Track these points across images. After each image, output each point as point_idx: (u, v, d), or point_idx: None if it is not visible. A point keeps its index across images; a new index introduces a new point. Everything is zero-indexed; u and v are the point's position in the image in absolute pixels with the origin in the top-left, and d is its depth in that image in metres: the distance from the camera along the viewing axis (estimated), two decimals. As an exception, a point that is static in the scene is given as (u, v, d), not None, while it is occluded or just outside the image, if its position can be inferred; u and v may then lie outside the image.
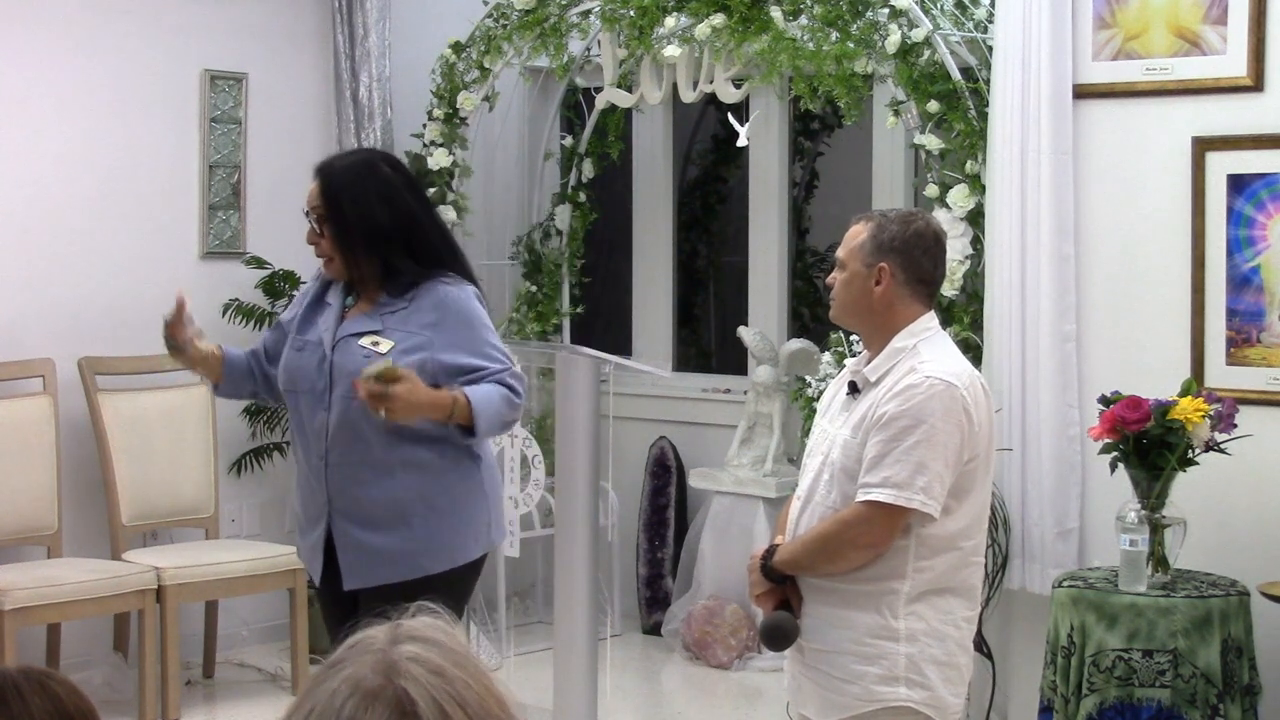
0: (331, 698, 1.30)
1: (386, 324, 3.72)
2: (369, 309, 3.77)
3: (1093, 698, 4.30)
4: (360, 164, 3.86)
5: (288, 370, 3.82)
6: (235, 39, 6.32)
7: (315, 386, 3.75)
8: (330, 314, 3.80)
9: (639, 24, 5.94)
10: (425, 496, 3.74)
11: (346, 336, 3.74)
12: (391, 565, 3.73)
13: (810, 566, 3.26)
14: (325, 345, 3.75)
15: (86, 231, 5.94)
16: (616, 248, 7.39)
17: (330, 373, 3.73)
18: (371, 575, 3.74)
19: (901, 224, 3.28)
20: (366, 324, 3.74)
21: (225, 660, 6.13)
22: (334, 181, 3.77)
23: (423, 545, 3.74)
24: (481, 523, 3.84)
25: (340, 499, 3.75)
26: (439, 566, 3.77)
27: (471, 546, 3.83)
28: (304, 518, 3.87)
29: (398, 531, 3.73)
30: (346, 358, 3.71)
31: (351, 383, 3.62)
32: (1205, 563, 4.57)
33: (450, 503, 3.77)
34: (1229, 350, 4.73)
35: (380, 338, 3.71)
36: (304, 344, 3.81)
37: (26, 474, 5.61)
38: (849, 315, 3.35)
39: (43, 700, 1.64)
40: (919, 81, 5.19)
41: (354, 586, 3.76)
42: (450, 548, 3.78)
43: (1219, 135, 4.72)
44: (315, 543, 3.81)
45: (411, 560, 3.74)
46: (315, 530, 3.81)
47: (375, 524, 3.73)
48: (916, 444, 3.12)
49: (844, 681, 3.22)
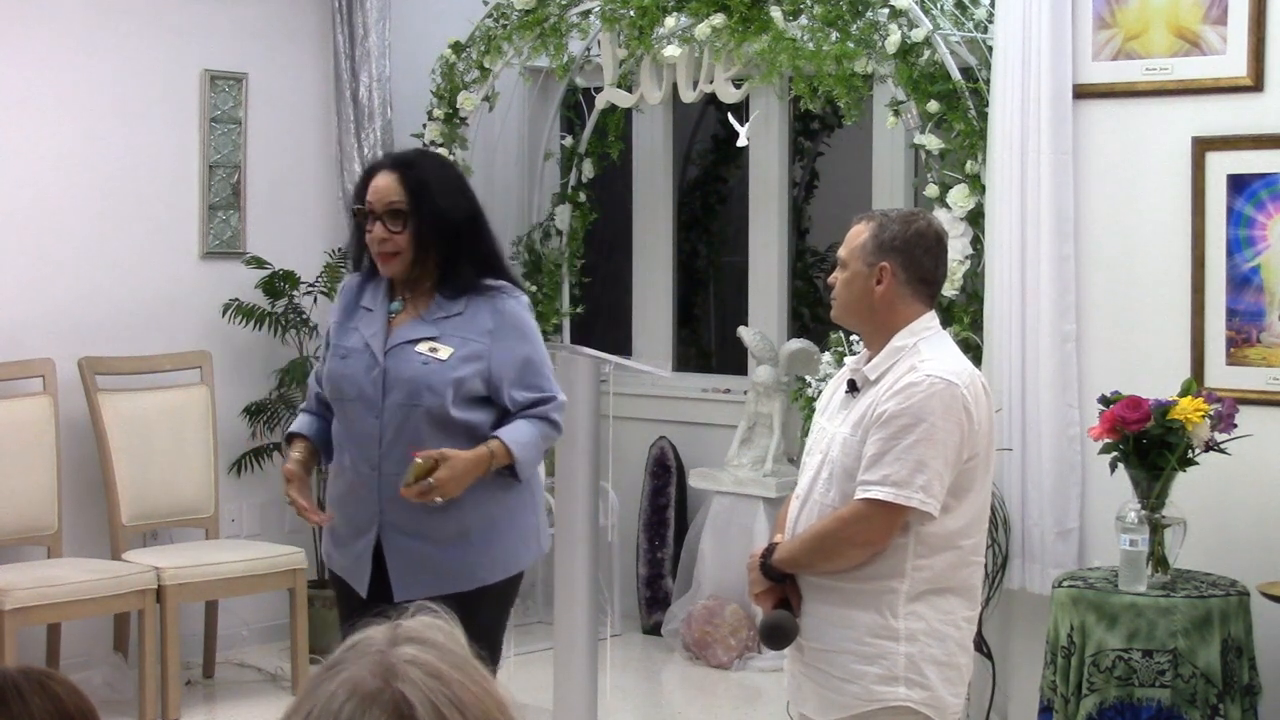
0: (330, 700, 1.30)
1: (443, 330, 3.66)
2: (420, 314, 3.69)
3: (1093, 698, 4.30)
4: (435, 157, 3.83)
5: (334, 379, 3.73)
6: (235, 39, 6.32)
7: (365, 393, 3.65)
8: (374, 320, 3.71)
9: (639, 24, 5.94)
10: (482, 506, 3.68)
11: (401, 344, 3.66)
12: (449, 576, 3.65)
13: (809, 564, 3.25)
14: (376, 352, 3.66)
15: (86, 231, 5.94)
16: (616, 248, 7.38)
17: (384, 380, 3.64)
18: (427, 586, 3.61)
19: (903, 223, 3.28)
20: (422, 330, 3.66)
21: (225, 660, 6.13)
22: (418, 173, 3.68)
23: (481, 556, 3.69)
24: (532, 531, 3.81)
25: (394, 510, 3.64)
26: (495, 577, 3.72)
27: (525, 555, 3.80)
28: (346, 528, 3.74)
29: (455, 543, 3.67)
30: (403, 365, 3.63)
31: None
32: (1205, 563, 4.57)
33: (506, 512, 3.73)
34: (1229, 350, 4.73)
35: (438, 344, 3.64)
36: (348, 351, 3.71)
37: (26, 474, 5.61)
38: (850, 314, 3.35)
39: (43, 700, 1.64)
40: (919, 81, 5.19)
41: (407, 598, 3.55)
42: (505, 558, 3.74)
43: (1219, 135, 4.72)
44: (362, 553, 3.70)
45: (470, 572, 3.68)
46: (361, 540, 3.70)
47: (432, 535, 3.66)
48: (916, 442, 3.12)
49: (843, 681, 3.22)
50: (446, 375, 3.62)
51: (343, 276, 6.32)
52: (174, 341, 6.12)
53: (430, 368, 3.61)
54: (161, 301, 6.15)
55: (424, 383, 3.61)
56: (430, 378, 3.61)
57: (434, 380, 3.61)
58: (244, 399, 6.30)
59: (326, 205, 6.51)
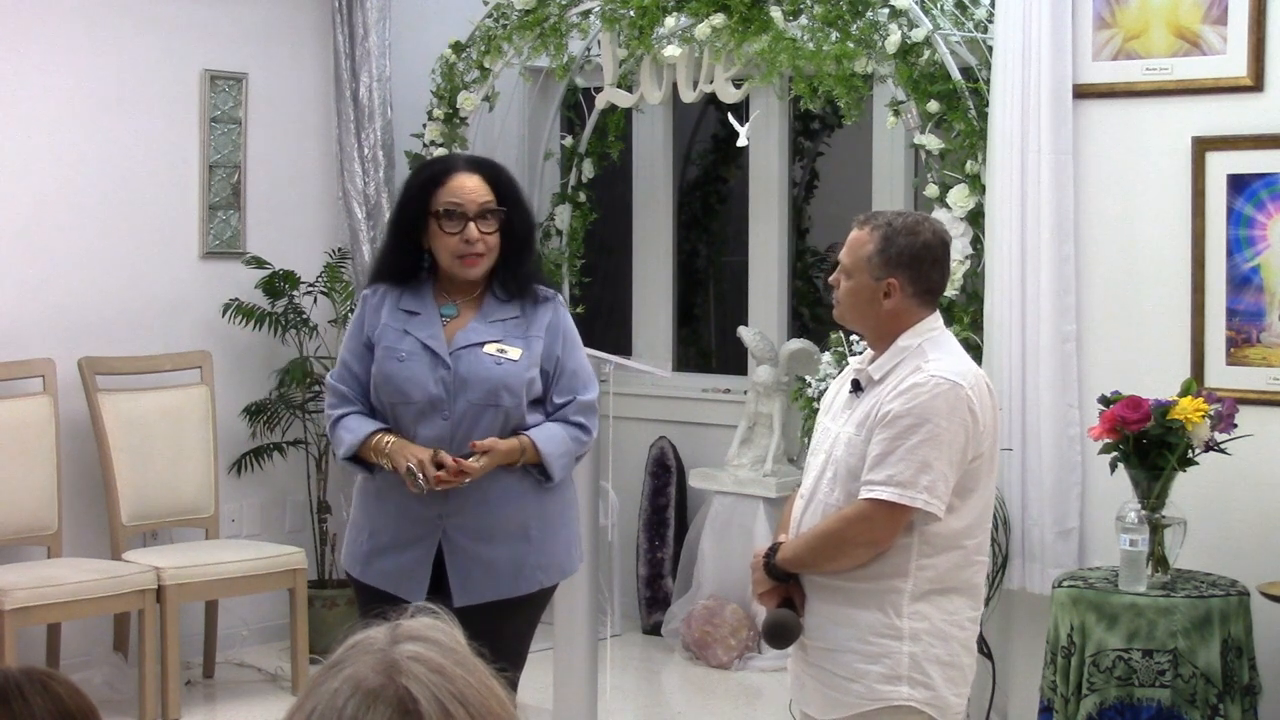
0: (333, 698, 1.30)
1: (505, 332, 3.67)
2: (476, 316, 3.69)
3: (1093, 698, 4.30)
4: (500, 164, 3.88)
5: (394, 381, 3.65)
6: (235, 39, 6.32)
7: (433, 395, 3.62)
8: (427, 323, 3.68)
9: (639, 24, 5.94)
10: (542, 508, 3.70)
11: (469, 346, 3.64)
12: (511, 580, 3.66)
13: (812, 564, 3.26)
14: (441, 354, 3.63)
15: (86, 231, 5.94)
16: (616, 248, 7.38)
17: (454, 382, 3.62)
18: (488, 590, 3.63)
19: (909, 234, 3.25)
20: (486, 333, 3.67)
21: (225, 660, 6.12)
22: (503, 175, 3.74)
23: (541, 558, 3.70)
24: (577, 536, 3.84)
25: (460, 514, 3.63)
26: (551, 580, 3.75)
27: (576, 559, 3.83)
28: (398, 535, 3.69)
29: (518, 545, 3.67)
30: (475, 366, 3.62)
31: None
32: (1205, 563, 4.57)
33: (559, 515, 3.75)
34: (1229, 350, 4.73)
35: (504, 345, 3.65)
36: (406, 354, 3.66)
37: (26, 474, 5.61)
38: (854, 320, 3.35)
39: (44, 700, 1.64)
40: (919, 81, 5.19)
41: (468, 603, 3.58)
42: (560, 561, 3.77)
43: (1219, 135, 4.72)
44: (421, 559, 3.66)
45: (530, 574, 3.69)
46: (418, 547, 3.66)
47: (496, 538, 3.65)
48: (921, 443, 3.12)
49: (847, 680, 3.22)
50: (522, 375, 3.64)
51: (342, 276, 6.35)
52: (174, 341, 6.12)
53: (505, 368, 3.62)
54: (161, 301, 6.15)
55: (501, 384, 3.62)
56: (508, 379, 3.63)
57: (511, 381, 3.63)
58: (244, 399, 6.30)
59: (326, 205, 6.51)
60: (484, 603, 3.61)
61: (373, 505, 3.77)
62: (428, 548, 3.66)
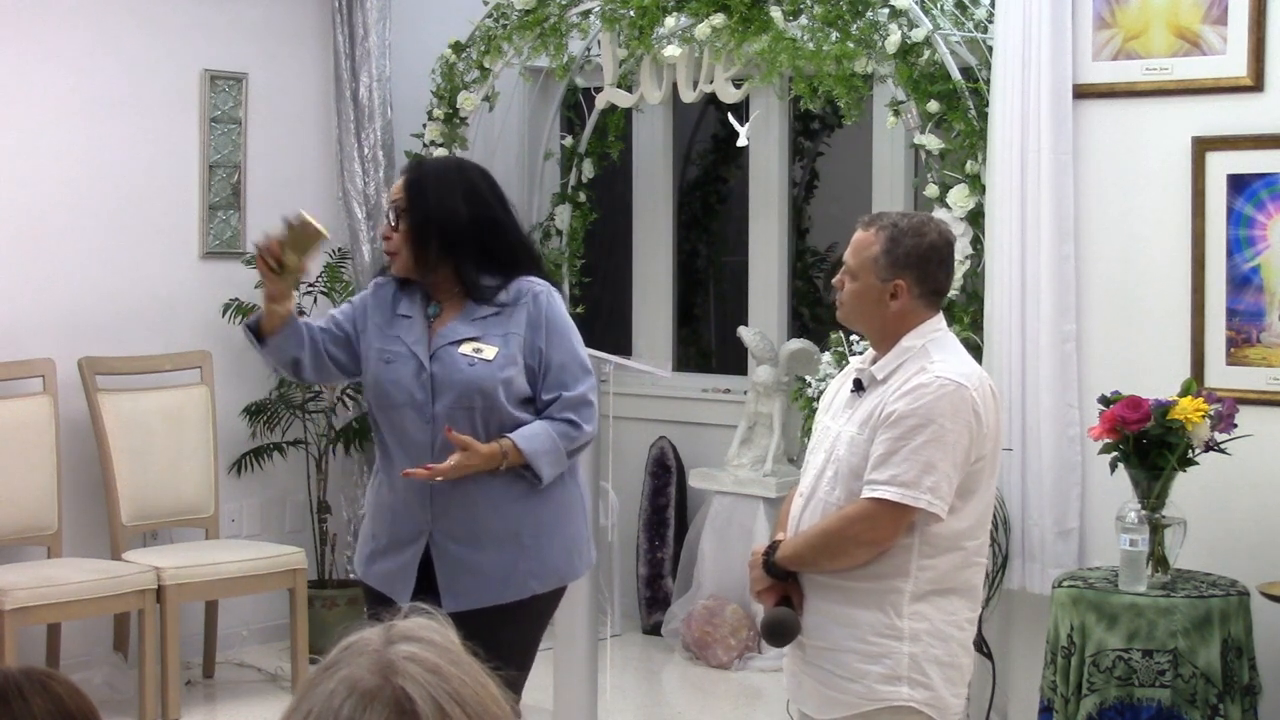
0: (329, 699, 1.30)
1: (484, 329, 3.64)
2: (458, 315, 3.67)
3: (1093, 698, 4.30)
4: (450, 163, 3.91)
5: (381, 384, 3.66)
6: (235, 39, 6.32)
7: (415, 399, 3.61)
8: (414, 325, 3.68)
9: (639, 24, 5.94)
10: (534, 513, 3.65)
11: (445, 345, 3.63)
12: (500, 586, 3.62)
13: (813, 562, 3.25)
14: (420, 356, 3.63)
15: (86, 231, 5.94)
16: (616, 248, 7.38)
17: (432, 385, 3.61)
18: (478, 597, 3.60)
19: (915, 235, 3.24)
20: (463, 331, 3.64)
21: (225, 660, 6.13)
22: (422, 175, 3.72)
23: (534, 565, 3.65)
24: (581, 540, 3.78)
25: (445, 518, 3.62)
26: (545, 586, 3.70)
27: (577, 564, 3.77)
28: (389, 538, 3.69)
29: (508, 551, 3.63)
30: (450, 368, 3.60)
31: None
32: (1205, 563, 4.57)
33: (554, 519, 3.69)
34: (1229, 350, 4.73)
35: (480, 344, 3.62)
36: (392, 356, 3.67)
37: (26, 474, 5.61)
38: (858, 322, 3.34)
39: (44, 700, 1.65)
40: (919, 81, 5.19)
41: (457, 608, 3.54)
42: (558, 567, 3.71)
43: (1219, 135, 4.72)
44: (408, 562, 3.66)
45: (522, 581, 3.65)
46: (408, 550, 3.66)
47: (484, 543, 3.62)
48: (925, 443, 3.12)
49: (846, 679, 3.22)
50: (495, 376, 3.60)
51: (342, 276, 6.36)
52: (174, 341, 6.12)
53: (477, 369, 3.59)
54: (161, 301, 6.15)
55: (475, 386, 3.59)
56: (480, 381, 3.59)
57: (484, 383, 3.59)
58: (244, 399, 6.30)
59: (327, 205, 6.50)
60: (475, 609, 3.57)
61: (373, 508, 3.78)
62: (415, 551, 3.65)
